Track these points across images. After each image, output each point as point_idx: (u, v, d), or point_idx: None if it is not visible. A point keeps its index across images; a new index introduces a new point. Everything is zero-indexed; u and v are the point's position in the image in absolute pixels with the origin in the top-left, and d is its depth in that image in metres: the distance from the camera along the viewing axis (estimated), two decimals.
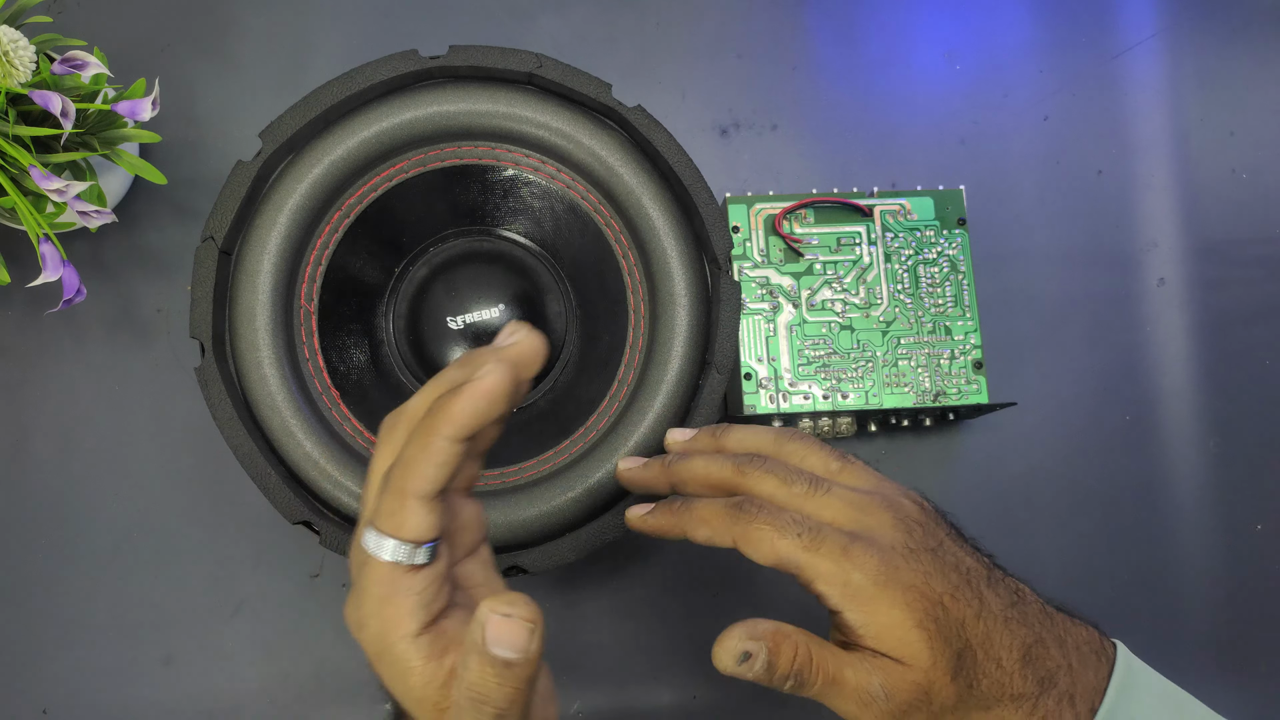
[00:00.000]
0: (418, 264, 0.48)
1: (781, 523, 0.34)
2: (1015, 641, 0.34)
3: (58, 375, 0.52)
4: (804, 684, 0.33)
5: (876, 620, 0.33)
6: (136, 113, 0.44)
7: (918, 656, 0.33)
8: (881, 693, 0.33)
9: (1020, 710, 0.33)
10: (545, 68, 0.44)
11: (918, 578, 0.33)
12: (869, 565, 0.33)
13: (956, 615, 0.33)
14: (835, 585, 0.33)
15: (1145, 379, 0.55)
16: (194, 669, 0.50)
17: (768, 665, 0.32)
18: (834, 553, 0.33)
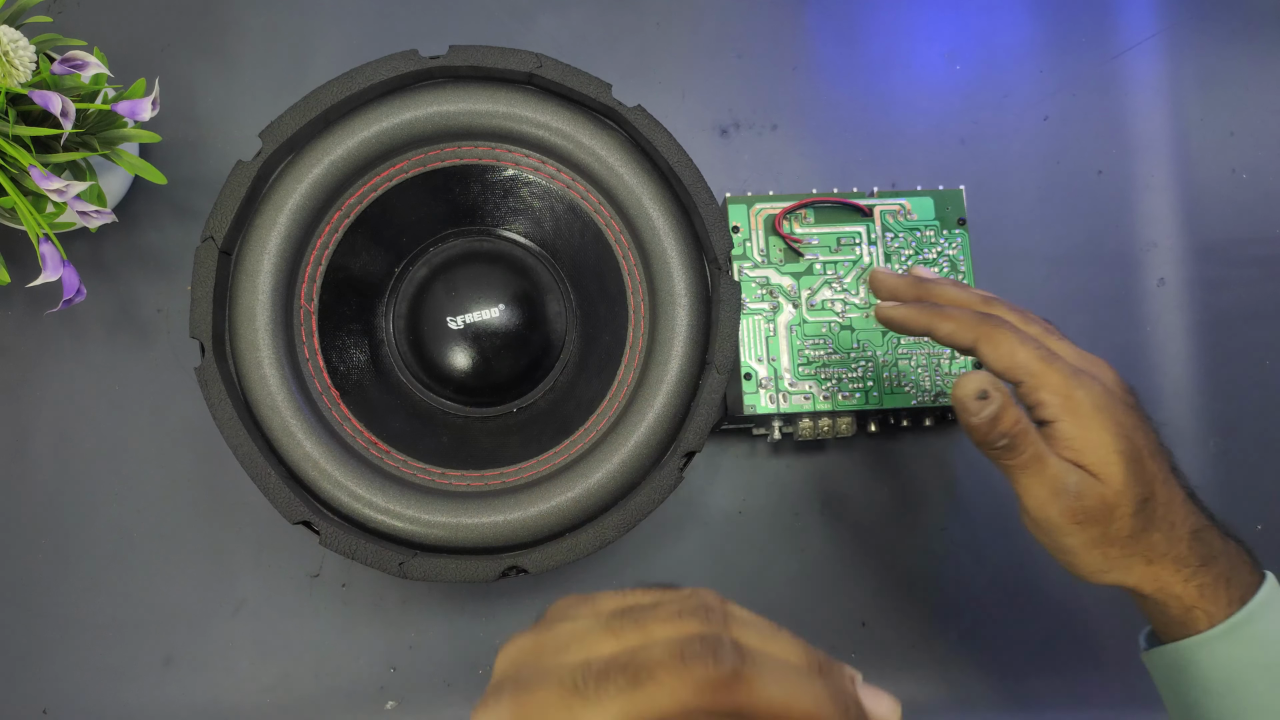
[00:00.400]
0: (418, 264, 0.48)
1: (1024, 336, 0.38)
2: (1189, 518, 0.37)
3: (58, 375, 0.52)
4: (1015, 448, 0.36)
5: (1087, 436, 0.36)
6: (136, 113, 0.44)
7: (1113, 478, 0.36)
8: (1075, 488, 0.36)
9: (1180, 574, 0.37)
10: (545, 68, 0.44)
11: (1128, 423, 0.37)
12: (1093, 390, 0.37)
13: (1150, 469, 0.37)
14: (1059, 396, 0.37)
15: (1145, 379, 0.55)
16: (194, 669, 0.50)
17: (995, 415, 0.35)
18: (1064, 370, 0.37)
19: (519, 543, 0.42)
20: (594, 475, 0.42)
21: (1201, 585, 0.37)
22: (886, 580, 0.52)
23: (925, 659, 0.52)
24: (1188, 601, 0.37)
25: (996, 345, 0.38)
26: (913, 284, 0.43)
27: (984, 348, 0.38)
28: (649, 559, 0.52)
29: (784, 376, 0.49)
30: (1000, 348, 0.38)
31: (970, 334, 0.38)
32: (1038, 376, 0.37)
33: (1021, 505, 0.37)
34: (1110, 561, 0.37)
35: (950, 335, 0.39)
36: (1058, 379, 0.37)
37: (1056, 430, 0.37)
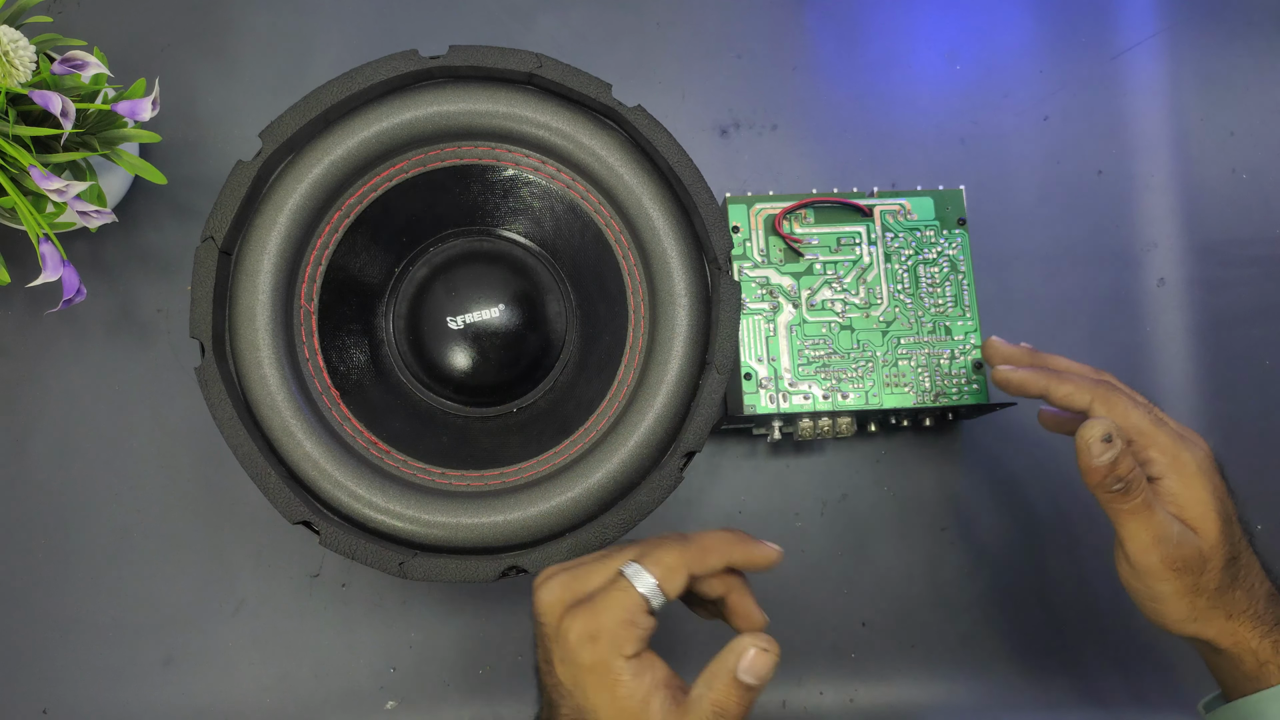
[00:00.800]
0: (418, 264, 0.48)
1: (1136, 400, 0.42)
2: (1265, 581, 0.41)
3: (58, 375, 0.52)
4: (1128, 493, 0.38)
5: (1189, 494, 0.40)
6: (136, 113, 0.44)
7: (1209, 533, 0.39)
8: (1176, 537, 0.39)
9: (1257, 630, 0.40)
10: (545, 68, 0.44)
11: (1222, 489, 0.41)
12: (1198, 453, 0.41)
13: (1237, 532, 0.41)
14: (1167, 455, 0.40)
15: (1145, 379, 0.55)
16: (194, 669, 0.50)
17: (1115, 460, 0.38)
18: (1172, 434, 0.41)
19: (519, 543, 0.42)
20: (594, 475, 0.42)
21: (1276, 642, 0.40)
22: (886, 580, 0.52)
23: (925, 659, 0.52)
24: (1262, 657, 0.39)
25: (1112, 406, 0.41)
26: (1028, 352, 0.46)
27: (1099, 407, 0.41)
28: None
29: (784, 376, 0.49)
30: (1116, 408, 0.41)
31: (1087, 395, 0.41)
32: (1148, 436, 0.40)
33: (1122, 549, 0.40)
34: (1196, 611, 0.40)
35: (1068, 396, 0.42)
36: (1166, 440, 0.40)
37: (1162, 486, 0.40)
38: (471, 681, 0.51)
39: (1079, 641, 0.53)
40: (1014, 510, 0.53)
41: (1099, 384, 0.42)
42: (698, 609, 0.40)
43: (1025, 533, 0.53)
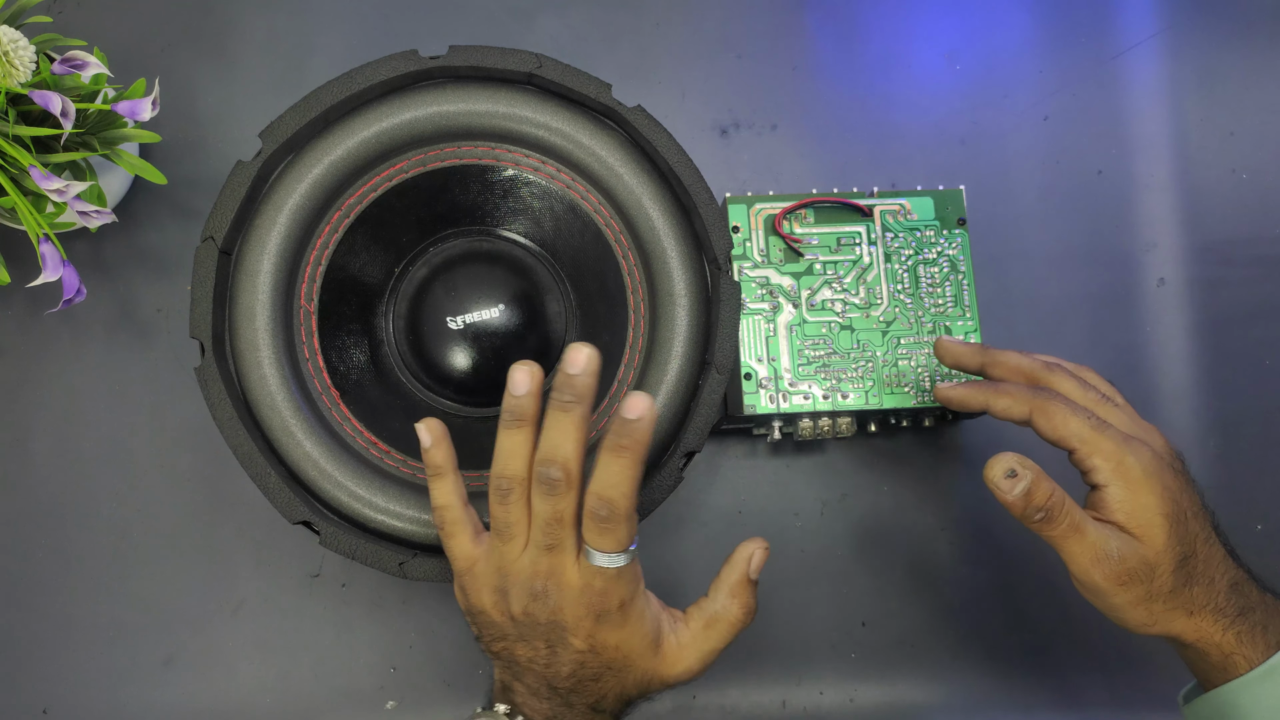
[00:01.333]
0: (418, 264, 0.48)
1: (1075, 407, 0.40)
2: (1228, 572, 0.40)
3: (58, 375, 0.52)
4: (1051, 519, 0.38)
5: (1135, 500, 0.39)
6: (136, 113, 0.44)
7: (1155, 539, 0.39)
8: (1116, 553, 0.38)
9: (1219, 624, 0.39)
10: (545, 68, 0.44)
11: (1175, 486, 0.40)
12: (1143, 456, 0.40)
13: (1192, 529, 0.40)
14: (1110, 461, 0.39)
15: (1145, 379, 0.55)
16: (194, 669, 0.50)
17: (1028, 491, 0.38)
18: (1116, 438, 0.40)
19: None
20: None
21: (1239, 633, 0.39)
22: (886, 580, 0.52)
23: (925, 659, 0.52)
24: (1226, 649, 0.39)
25: (1050, 417, 0.40)
26: (976, 352, 0.45)
27: (1038, 419, 0.40)
28: (649, 559, 0.52)
29: (784, 376, 0.49)
30: (1054, 419, 0.40)
31: (1024, 407, 0.41)
32: (1089, 444, 0.39)
33: (1069, 570, 0.40)
34: (1154, 615, 0.39)
35: (1006, 410, 0.42)
36: (1109, 445, 0.39)
37: (1107, 494, 0.39)
38: (471, 681, 0.51)
39: (1079, 641, 0.53)
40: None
41: (1036, 393, 0.41)
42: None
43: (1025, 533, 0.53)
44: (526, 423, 0.38)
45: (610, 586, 0.38)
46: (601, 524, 0.37)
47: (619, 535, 0.37)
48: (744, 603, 0.40)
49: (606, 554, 0.37)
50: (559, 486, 0.37)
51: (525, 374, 0.38)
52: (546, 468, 0.37)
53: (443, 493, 0.40)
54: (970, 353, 0.46)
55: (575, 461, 0.37)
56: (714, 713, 0.51)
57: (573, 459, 0.37)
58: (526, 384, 0.38)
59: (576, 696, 0.39)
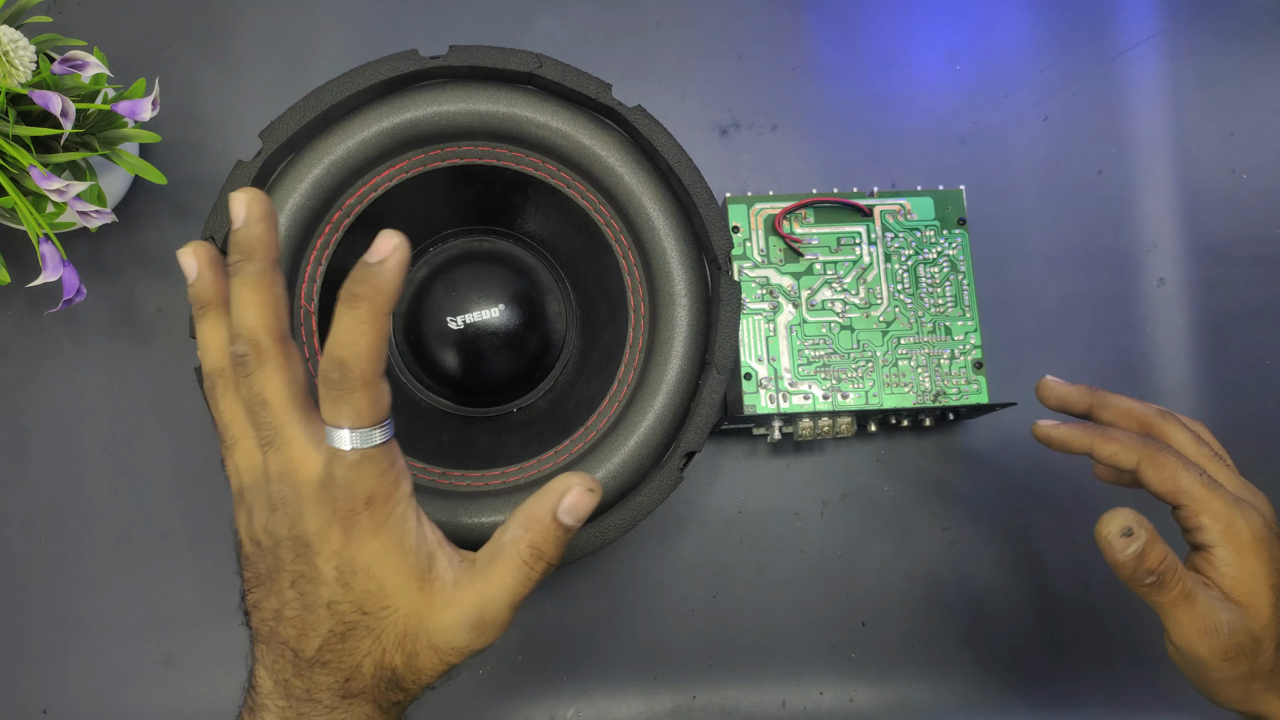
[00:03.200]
0: (418, 264, 0.48)
1: (1187, 462, 0.38)
2: None
3: (58, 375, 0.52)
4: (1163, 585, 0.36)
5: (1243, 566, 0.37)
6: (136, 113, 0.44)
7: (1262, 610, 0.37)
8: (1226, 626, 0.36)
9: None
10: (545, 68, 0.44)
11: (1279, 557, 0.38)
12: (1254, 521, 0.38)
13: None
14: (1220, 522, 0.37)
15: (1145, 379, 0.55)
16: (194, 669, 0.50)
17: (1142, 552, 0.35)
18: (1227, 499, 0.38)
19: None
20: (594, 475, 0.42)
21: None
22: (886, 580, 0.52)
23: (925, 659, 0.52)
24: None
25: (1160, 469, 0.38)
26: (1085, 394, 0.44)
27: (1147, 470, 0.38)
28: (649, 559, 0.52)
29: (784, 376, 0.49)
30: (1164, 471, 0.38)
31: (1134, 455, 0.39)
32: (1199, 501, 0.38)
33: (1168, 636, 0.38)
34: (1250, 694, 0.38)
35: (1113, 456, 0.39)
36: (1220, 506, 0.38)
37: (1213, 556, 0.38)
38: (471, 681, 0.51)
39: (1079, 641, 0.53)
40: (1014, 510, 0.53)
41: (1147, 443, 0.39)
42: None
43: (1025, 533, 0.53)
44: (208, 307, 0.33)
45: (353, 476, 0.30)
46: (333, 390, 0.30)
47: (355, 404, 0.30)
48: (534, 543, 0.32)
49: (343, 430, 0.30)
50: (248, 362, 0.31)
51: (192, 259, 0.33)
52: (232, 345, 0.32)
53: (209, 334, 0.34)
54: (1078, 395, 0.44)
55: (264, 330, 0.31)
56: (714, 713, 0.51)
57: (259, 328, 0.31)
58: (192, 265, 0.33)
59: (323, 674, 0.31)
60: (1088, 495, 0.53)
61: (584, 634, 0.51)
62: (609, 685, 0.51)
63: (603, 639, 0.51)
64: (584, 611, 0.51)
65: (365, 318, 0.30)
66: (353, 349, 0.30)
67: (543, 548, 0.32)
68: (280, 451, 0.31)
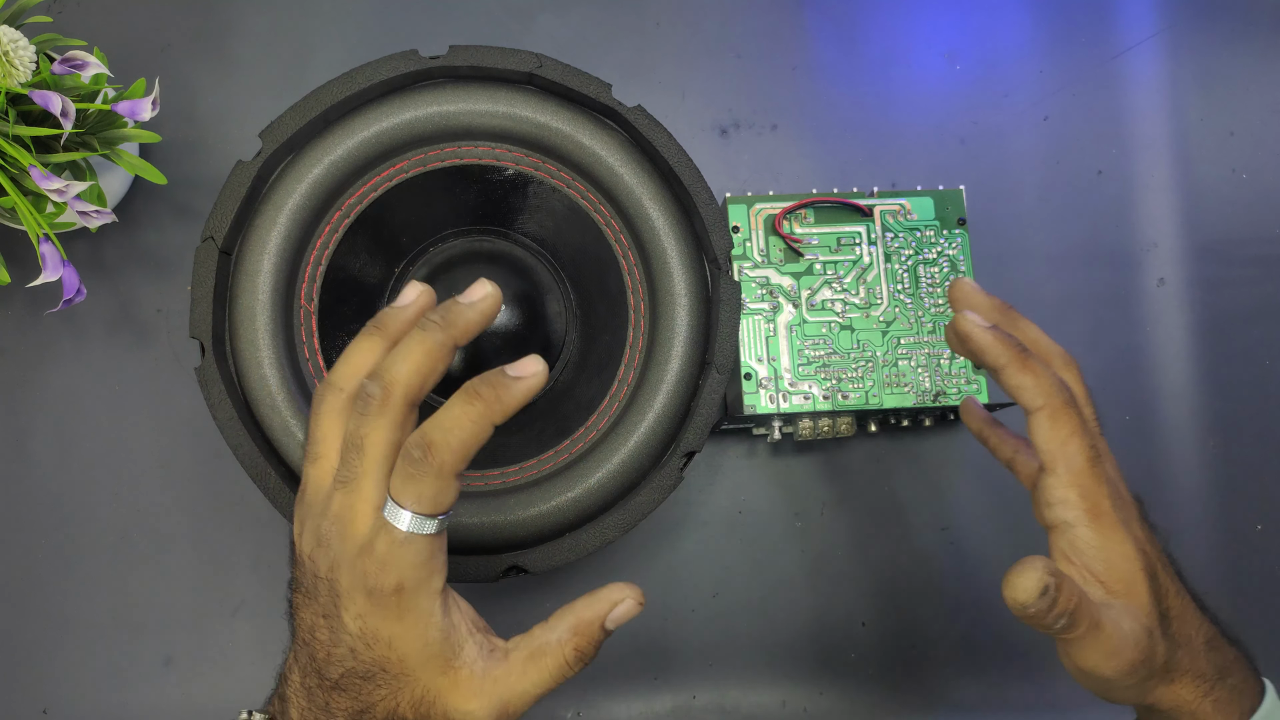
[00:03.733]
0: (418, 264, 0.48)
1: (1085, 428, 0.35)
2: (1202, 628, 0.36)
3: (58, 375, 0.52)
4: (1074, 624, 0.32)
5: (1111, 548, 0.34)
6: (136, 113, 0.44)
7: (1142, 598, 0.34)
8: (1130, 639, 0.33)
9: (1199, 689, 0.35)
10: (545, 68, 0.44)
11: (1144, 536, 0.36)
12: (1118, 502, 0.35)
13: (1163, 583, 0.35)
14: (1088, 500, 0.34)
15: (1145, 379, 0.55)
16: (194, 669, 0.50)
17: (1053, 600, 0.32)
18: (1102, 477, 0.35)
19: (519, 542, 0.42)
20: (594, 475, 0.42)
21: (1217, 700, 0.35)
22: (886, 580, 0.52)
23: (925, 659, 0.52)
24: (1202, 717, 0.35)
25: (1058, 424, 0.34)
26: (1001, 308, 0.39)
27: (1046, 420, 0.34)
28: (649, 559, 0.52)
29: (784, 376, 0.49)
30: (1061, 428, 0.34)
31: (1041, 398, 0.34)
32: (1078, 475, 0.34)
33: (1069, 660, 0.35)
34: (1147, 689, 0.35)
35: (1020, 387, 0.35)
36: (1092, 483, 0.34)
37: (1076, 536, 0.35)
38: None
39: None
40: (1014, 510, 0.53)
41: (1060, 389, 0.35)
42: None
43: (1024, 533, 0.53)
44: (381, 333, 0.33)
45: (391, 556, 0.30)
46: (410, 466, 0.30)
47: (425, 489, 0.30)
48: (580, 646, 0.33)
49: (401, 508, 0.30)
50: (371, 405, 0.31)
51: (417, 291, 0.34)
52: (367, 381, 0.32)
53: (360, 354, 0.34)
54: (993, 304, 0.39)
55: (403, 385, 0.31)
56: (714, 713, 0.51)
57: (400, 381, 0.31)
58: (412, 294, 0.34)
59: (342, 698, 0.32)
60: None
61: None
62: (609, 685, 0.51)
63: None
64: None
65: (475, 418, 0.31)
66: (448, 438, 0.30)
67: (587, 651, 0.33)
68: (347, 496, 0.31)
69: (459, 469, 0.31)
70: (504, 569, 0.41)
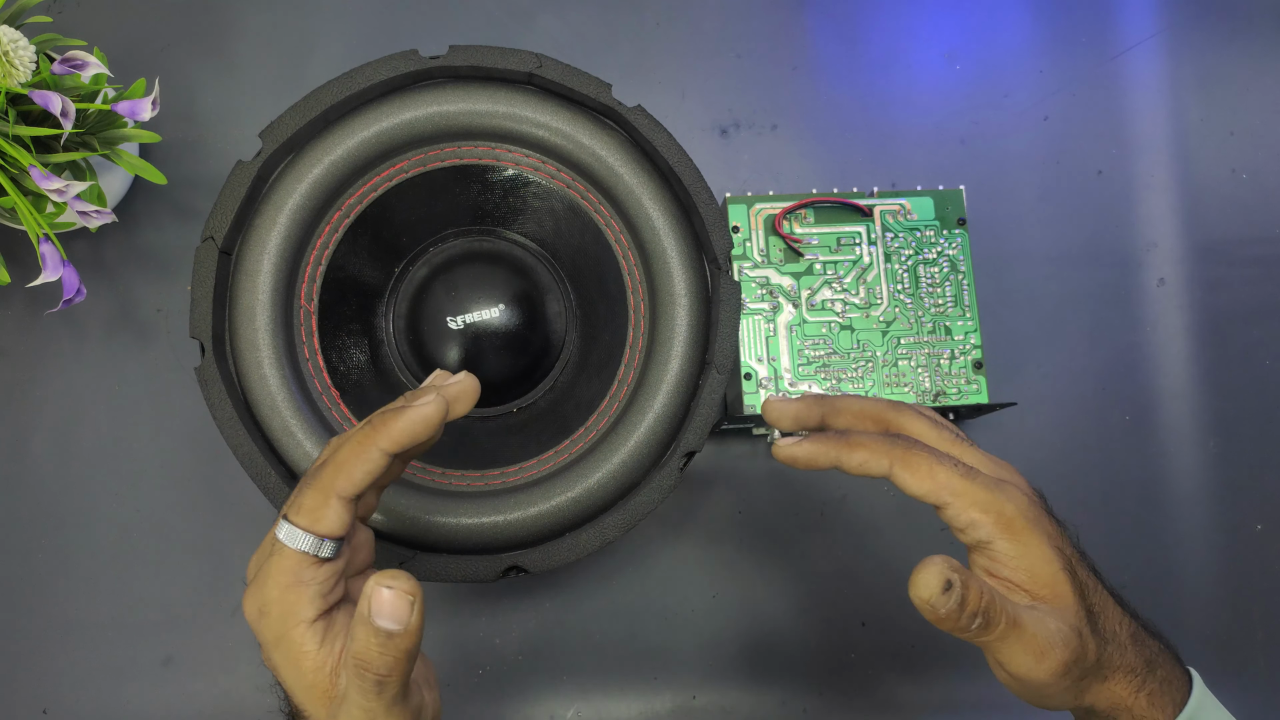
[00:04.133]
0: (418, 264, 0.48)
1: (939, 455, 0.35)
2: (1125, 620, 0.35)
3: (58, 375, 0.52)
4: (990, 623, 0.32)
5: (1029, 554, 0.34)
6: (136, 113, 0.44)
7: (1066, 598, 0.34)
8: (1058, 638, 0.33)
9: (1131, 684, 0.34)
10: (545, 68, 0.44)
11: (1053, 532, 0.35)
12: (1020, 502, 0.34)
13: (1082, 578, 0.35)
14: (990, 513, 0.34)
15: (1145, 379, 0.55)
16: (194, 669, 0.50)
17: (962, 599, 0.31)
18: (988, 484, 0.34)
19: (519, 543, 0.42)
20: (594, 475, 0.42)
21: (1150, 694, 0.35)
22: (886, 580, 0.52)
23: (925, 659, 0.52)
24: (1138, 713, 0.35)
25: (914, 469, 0.34)
26: (812, 403, 0.39)
27: (901, 473, 0.35)
28: (649, 559, 0.52)
29: (784, 376, 0.49)
30: (918, 472, 0.34)
31: (884, 461, 0.35)
32: (963, 496, 0.34)
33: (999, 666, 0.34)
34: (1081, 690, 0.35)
35: (863, 465, 0.35)
36: (984, 495, 0.34)
37: (994, 551, 0.34)
38: (471, 681, 0.51)
39: None
40: None
41: (894, 443, 0.35)
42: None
43: None
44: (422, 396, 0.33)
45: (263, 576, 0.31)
46: (298, 485, 0.31)
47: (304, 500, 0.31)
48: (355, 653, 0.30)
49: (284, 524, 0.31)
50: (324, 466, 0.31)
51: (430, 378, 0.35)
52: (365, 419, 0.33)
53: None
54: (806, 407, 0.39)
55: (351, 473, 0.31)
56: (714, 713, 0.51)
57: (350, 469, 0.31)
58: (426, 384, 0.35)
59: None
60: (1086, 496, 0.54)
61: (584, 634, 0.51)
62: (609, 685, 0.51)
63: (603, 639, 0.51)
64: (584, 611, 0.51)
65: (360, 440, 0.31)
66: (335, 456, 0.31)
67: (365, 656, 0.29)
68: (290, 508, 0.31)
69: (344, 491, 0.31)
70: (504, 569, 0.41)
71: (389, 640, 0.29)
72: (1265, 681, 0.53)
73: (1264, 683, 0.53)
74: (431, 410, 0.32)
